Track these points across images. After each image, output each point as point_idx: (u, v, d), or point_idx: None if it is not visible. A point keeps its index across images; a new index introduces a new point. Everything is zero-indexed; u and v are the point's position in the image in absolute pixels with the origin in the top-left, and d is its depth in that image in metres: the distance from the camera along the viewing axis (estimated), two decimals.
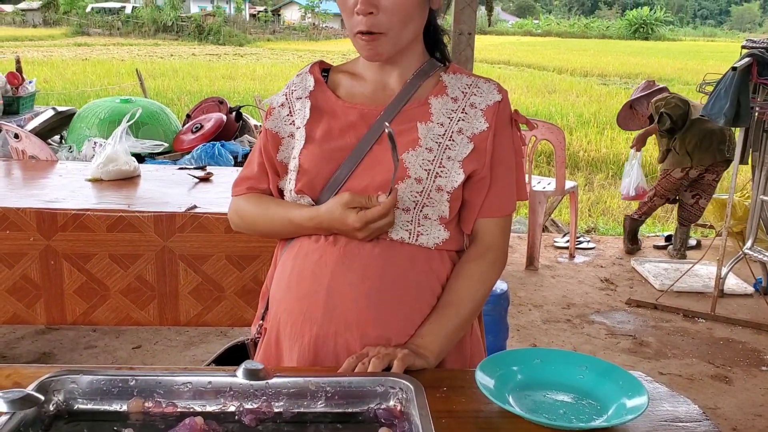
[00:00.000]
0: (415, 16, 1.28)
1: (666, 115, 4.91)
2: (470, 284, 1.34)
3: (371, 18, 1.24)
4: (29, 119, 4.58)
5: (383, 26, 1.25)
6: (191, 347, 3.46)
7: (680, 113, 4.90)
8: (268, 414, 1.05)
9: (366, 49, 1.28)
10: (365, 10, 1.23)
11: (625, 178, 5.36)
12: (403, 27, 1.27)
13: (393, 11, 1.24)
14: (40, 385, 1.03)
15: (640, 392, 1.11)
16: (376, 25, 1.25)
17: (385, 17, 1.24)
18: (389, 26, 1.25)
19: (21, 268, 2.44)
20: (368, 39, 1.26)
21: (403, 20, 1.26)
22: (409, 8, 1.26)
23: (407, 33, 1.29)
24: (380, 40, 1.26)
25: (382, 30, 1.25)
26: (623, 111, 5.46)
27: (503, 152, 1.35)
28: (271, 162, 1.42)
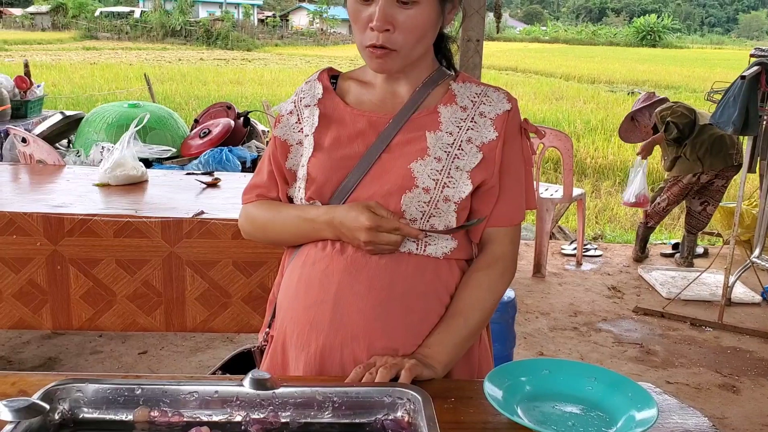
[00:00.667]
0: (428, 34, 1.28)
1: (672, 124, 4.88)
2: (479, 294, 1.33)
3: (386, 35, 1.23)
4: (37, 123, 4.59)
5: (397, 44, 1.24)
6: (198, 353, 3.46)
7: (686, 122, 4.88)
8: (274, 424, 1.04)
9: (376, 63, 1.28)
10: (382, 27, 1.22)
11: (629, 185, 5.34)
12: (415, 44, 1.26)
13: (409, 30, 1.24)
14: (46, 393, 1.03)
15: (649, 404, 1.10)
16: (390, 41, 1.24)
17: (400, 36, 1.24)
18: (403, 44, 1.25)
19: (27, 273, 2.44)
20: (380, 54, 1.25)
21: (417, 38, 1.26)
22: (425, 27, 1.25)
23: (419, 50, 1.29)
24: (392, 56, 1.26)
25: (395, 47, 1.25)
26: (625, 123, 5.43)
27: (512, 162, 1.34)
28: (280, 170, 1.41)
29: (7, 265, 2.42)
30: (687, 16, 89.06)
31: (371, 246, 1.25)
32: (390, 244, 1.25)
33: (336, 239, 1.30)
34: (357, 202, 1.27)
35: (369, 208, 1.24)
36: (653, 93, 5.48)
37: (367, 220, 1.23)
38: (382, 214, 1.24)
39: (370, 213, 1.23)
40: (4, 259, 2.42)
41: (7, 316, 2.47)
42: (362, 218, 1.23)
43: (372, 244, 1.25)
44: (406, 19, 1.23)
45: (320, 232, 1.31)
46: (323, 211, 1.30)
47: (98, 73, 18.46)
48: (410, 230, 1.25)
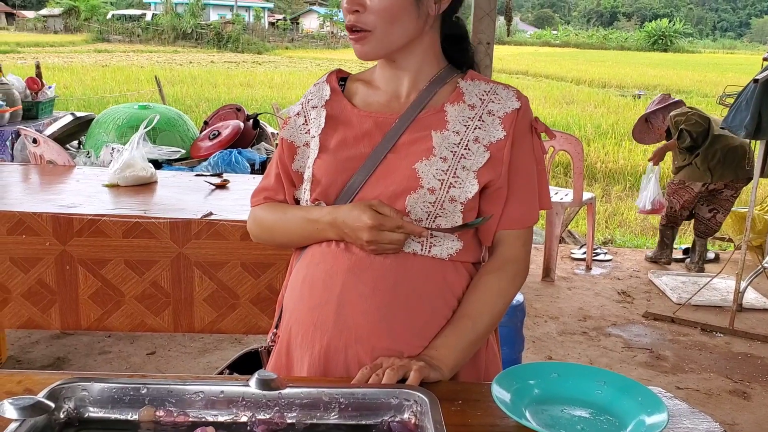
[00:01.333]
0: (402, 17, 1.26)
1: (686, 132, 4.85)
2: (488, 297, 1.31)
3: (357, 15, 1.26)
4: (48, 124, 4.61)
5: (369, 24, 1.25)
6: (205, 354, 3.46)
7: (701, 130, 4.85)
8: (280, 425, 1.04)
9: (355, 48, 1.29)
10: (351, 8, 1.25)
11: (642, 191, 5.31)
12: (388, 26, 1.26)
13: (379, 10, 1.24)
14: (51, 392, 1.02)
15: (659, 409, 1.08)
16: (362, 22, 1.25)
17: (371, 15, 1.25)
18: (375, 24, 1.25)
19: (37, 273, 2.44)
20: (355, 37, 1.27)
21: (388, 20, 1.25)
22: (395, 8, 1.25)
23: (396, 34, 1.27)
24: (367, 38, 1.27)
25: (368, 28, 1.26)
26: (639, 125, 5.42)
27: (522, 162, 1.32)
28: (287, 172, 1.41)
29: (17, 265, 2.43)
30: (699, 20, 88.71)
31: (374, 245, 1.24)
32: (393, 243, 1.24)
33: (340, 240, 1.30)
34: (360, 202, 1.27)
35: (372, 207, 1.23)
36: (668, 95, 5.45)
37: (369, 219, 1.22)
38: (385, 212, 1.23)
39: (372, 212, 1.23)
40: (13, 259, 2.42)
41: (16, 315, 2.47)
42: (364, 217, 1.22)
43: (375, 243, 1.24)
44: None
45: (324, 233, 1.31)
46: (326, 211, 1.30)
47: (109, 75, 18.56)
48: (414, 228, 1.24)
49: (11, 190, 2.82)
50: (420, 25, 1.29)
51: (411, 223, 1.24)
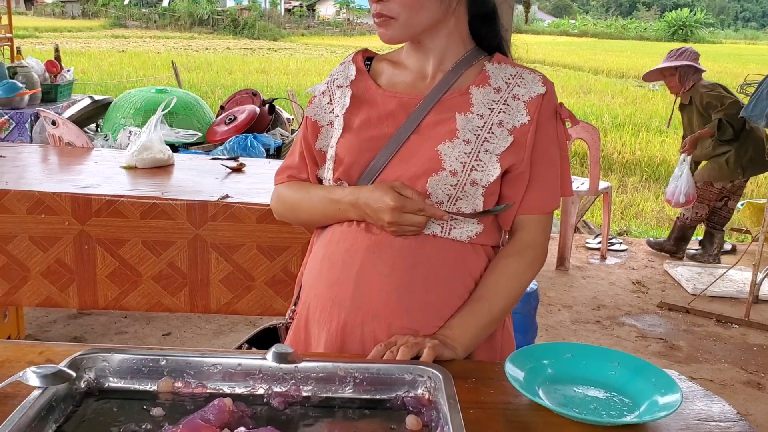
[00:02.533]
0: (425, 2, 1.27)
1: (727, 124, 4.64)
2: (505, 280, 1.32)
3: (383, 4, 1.26)
4: (66, 107, 4.64)
5: (393, 11, 1.26)
6: (220, 335, 3.49)
7: (742, 123, 4.64)
8: (296, 398, 1.05)
9: (380, 33, 1.30)
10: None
11: (673, 181, 5.03)
12: (413, 13, 1.26)
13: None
14: (72, 362, 1.04)
15: (673, 390, 1.09)
16: (387, 9, 1.26)
17: (395, 4, 1.26)
18: (399, 12, 1.26)
19: (55, 252, 2.47)
20: (380, 23, 1.28)
21: (411, 7, 1.26)
22: None
23: (420, 19, 1.28)
24: (391, 24, 1.27)
25: (392, 15, 1.26)
26: (653, 74, 5.06)
27: (546, 147, 1.32)
28: (310, 150, 1.42)
29: (36, 244, 2.46)
30: (720, 10, 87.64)
31: (395, 227, 1.25)
32: (414, 225, 1.25)
33: (361, 220, 1.30)
34: (382, 183, 1.28)
35: (394, 189, 1.24)
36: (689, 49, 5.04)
37: (391, 200, 1.23)
38: (407, 194, 1.24)
39: (394, 193, 1.23)
40: (32, 238, 2.45)
41: (35, 293, 2.51)
42: (387, 198, 1.23)
43: (396, 225, 1.25)
44: None
45: (345, 213, 1.32)
46: (348, 191, 1.31)
47: (126, 60, 18.63)
48: (435, 211, 1.24)
49: (31, 171, 2.85)
50: (444, 7, 1.29)
51: (433, 206, 1.24)
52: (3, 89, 4.45)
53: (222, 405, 0.97)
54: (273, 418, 1.01)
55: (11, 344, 1.20)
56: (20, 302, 2.58)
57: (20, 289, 2.50)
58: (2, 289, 2.49)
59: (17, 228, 2.44)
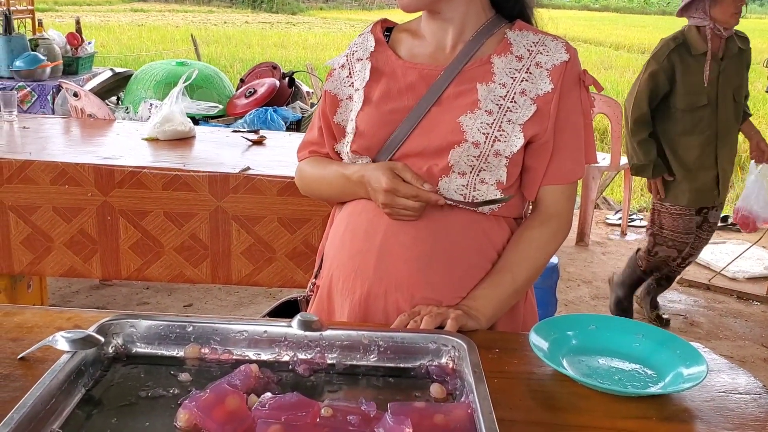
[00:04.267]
0: None
1: None
2: (529, 251, 1.31)
3: None
4: (87, 80, 4.66)
5: None
6: (240, 307, 3.52)
7: None
8: (321, 365, 1.06)
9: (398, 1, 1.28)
10: None
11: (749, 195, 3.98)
12: None
13: None
14: (100, 327, 1.06)
15: (698, 361, 1.09)
16: None
17: None
18: None
19: (79, 223, 2.50)
20: None
21: None
22: None
23: None
24: None
25: None
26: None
27: (570, 116, 1.30)
28: (329, 124, 1.41)
29: (59, 215, 2.48)
30: None
31: (388, 209, 1.25)
32: (407, 209, 1.24)
33: (367, 198, 1.30)
34: (385, 163, 1.27)
35: (393, 170, 1.23)
36: None
37: (385, 182, 1.22)
38: (406, 177, 1.23)
39: (391, 175, 1.23)
40: (56, 209, 2.48)
41: (58, 264, 2.54)
42: (382, 180, 1.23)
43: (389, 207, 1.24)
44: None
45: (355, 188, 1.32)
46: (357, 169, 1.30)
47: (145, 34, 18.60)
48: (429, 196, 1.23)
49: (53, 142, 2.87)
50: None
51: (429, 193, 1.23)
52: (25, 61, 4.47)
53: (248, 371, 0.98)
54: (298, 384, 1.02)
55: (40, 310, 1.22)
56: (44, 272, 2.61)
57: (44, 260, 2.53)
58: (26, 259, 2.52)
59: (41, 198, 2.47)
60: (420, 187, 1.23)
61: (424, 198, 1.23)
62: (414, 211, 1.25)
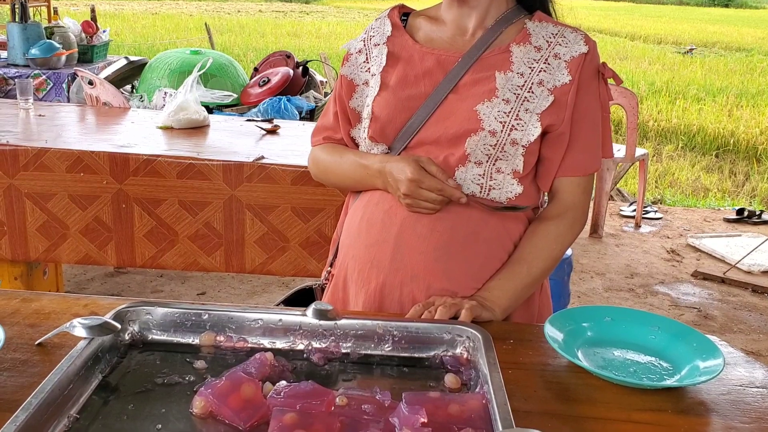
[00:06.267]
0: None
1: None
2: (545, 243, 1.31)
3: None
4: (102, 68, 4.67)
5: None
6: (254, 296, 3.53)
7: None
8: (335, 354, 1.06)
9: None
10: None
11: None
12: None
13: None
14: (117, 314, 1.06)
15: (715, 355, 1.08)
16: None
17: None
18: None
19: (94, 210, 2.51)
20: None
21: None
22: None
23: None
24: None
25: None
26: None
27: (588, 107, 1.29)
28: (344, 109, 1.41)
29: (75, 202, 2.50)
30: None
31: (409, 200, 1.24)
32: (429, 202, 1.24)
33: (384, 189, 1.30)
34: (410, 155, 1.26)
35: (419, 162, 1.23)
36: None
37: (411, 172, 1.22)
38: (432, 171, 1.23)
39: (416, 166, 1.22)
40: (72, 196, 2.49)
41: (74, 251, 2.56)
42: (408, 170, 1.22)
43: (410, 197, 1.24)
44: None
45: (372, 179, 1.31)
46: (377, 159, 1.30)
47: (159, 23, 18.65)
48: (453, 192, 1.23)
49: (69, 130, 2.88)
50: None
51: (453, 189, 1.23)
52: (41, 49, 4.49)
53: (263, 359, 0.98)
54: (313, 373, 1.02)
55: (57, 297, 1.22)
56: (60, 259, 2.63)
57: (60, 247, 2.55)
58: (42, 246, 2.54)
59: (57, 186, 2.48)
60: (445, 182, 1.22)
61: (448, 193, 1.23)
62: (435, 204, 1.24)
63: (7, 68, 4.53)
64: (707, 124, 9.11)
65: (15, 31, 4.59)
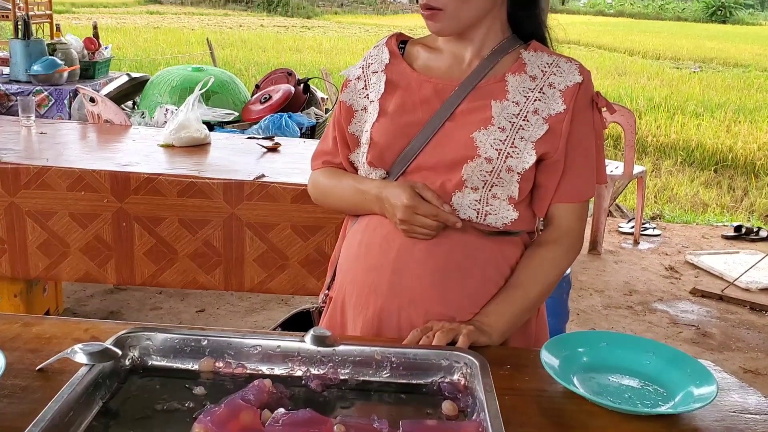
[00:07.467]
0: None
1: None
2: (541, 268, 1.33)
3: None
4: (104, 84, 4.70)
5: (441, 2, 1.25)
6: (253, 313, 3.54)
7: None
8: (333, 380, 1.07)
9: (428, 24, 1.29)
10: None
11: None
12: (461, 3, 1.26)
13: None
14: (117, 340, 1.07)
15: (708, 381, 1.09)
16: (435, 0, 1.25)
17: None
18: (447, 2, 1.25)
19: (94, 229, 2.53)
20: (428, 14, 1.27)
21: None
22: None
23: (468, 10, 1.27)
24: (439, 15, 1.27)
25: (439, 6, 1.26)
26: None
27: (582, 136, 1.32)
28: (343, 134, 1.43)
29: (76, 220, 2.51)
30: None
31: (405, 225, 1.26)
32: (425, 228, 1.25)
33: (381, 214, 1.32)
34: (407, 181, 1.28)
35: (414, 188, 1.25)
36: None
37: (406, 198, 1.24)
38: (427, 196, 1.25)
39: (411, 192, 1.24)
40: (72, 214, 2.51)
41: (74, 269, 2.57)
42: (403, 196, 1.24)
43: (406, 223, 1.26)
44: None
45: (370, 204, 1.34)
46: (375, 185, 1.32)
47: (161, 37, 18.72)
48: (448, 217, 1.25)
49: (70, 148, 2.90)
50: None
51: (448, 214, 1.25)
52: (43, 66, 4.52)
53: (262, 386, 0.99)
54: (311, 399, 1.03)
55: (58, 321, 1.24)
56: (60, 277, 2.64)
57: (60, 264, 2.56)
58: (43, 263, 2.55)
59: (58, 204, 2.50)
60: (440, 207, 1.24)
61: (443, 218, 1.24)
62: (431, 230, 1.26)
63: (9, 84, 4.55)
64: (706, 139, 9.14)
65: (18, 47, 4.62)
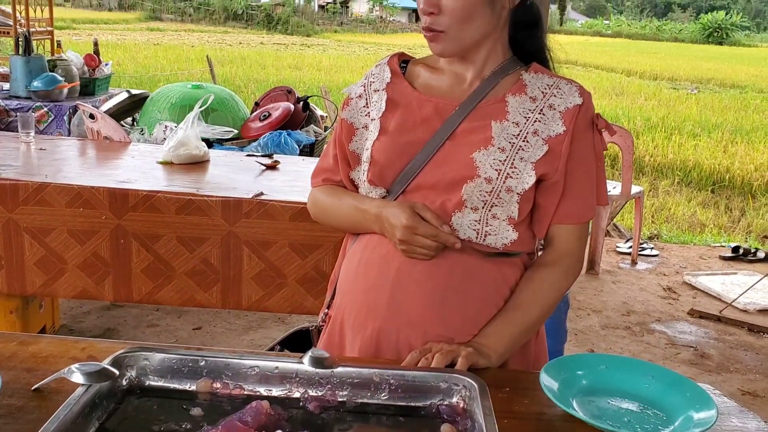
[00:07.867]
0: (475, 16, 1.26)
1: None
2: (541, 290, 1.33)
3: (432, 17, 1.27)
4: (104, 101, 4.71)
5: (443, 25, 1.26)
6: (250, 331, 3.52)
7: None
8: (331, 402, 1.07)
9: (431, 46, 1.31)
10: (426, 10, 1.27)
11: None
12: (462, 26, 1.26)
13: (452, 12, 1.25)
14: (115, 360, 1.07)
15: (708, 405, 1.08)
16: (437, 23, 1.27)
17: (445, 17, 1.26)
18: (449, 25, 1.26)
19: (92, 246, 2.52)
20: (431, 37, 1.29)
21: (462, 20, 1.26)
22: (469, 9, 1.25)
23: (470, 32, 1.28)
24: (441, 37, 1.28)
25: (441, 28, 1.27)
26: None
27: (582, 157, 1.32)
28: (344, 152, 1.43)
29: (74, 237, 2.51)
30: (757, 13, 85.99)
31: (405, 246, 1.26)
32: (424, 248, 1.26)
33: (381, 233, 1.32)
34: (406, 201, 1.29)
35: (414, 209, 1.26)
36: None
37: (406, 219, 1.24)
38: (427, 217, 1.25)
39: (411, 212, 1.25)
40: (70, 231, 2.50)
41: (71, 286, 2.56)
42: (403, 216, 1.25)
43: (405, 244, 1.26)
44: (449, 1, 1.25)
45: (369, 223, 1.34)
46: (375, 204, 1.32)
47: (161, 53, 18.80)
48: (447, 238, 1.25)
49: (70, 164, 2.90)
50: (494, 21, 1.29)
51: (447, 235, 1.25)
52: (43, 82, 4.53)
53: (259, 407, 0.99)
54: (308, 421, 1.03)
55: (54, 339, 1.23)
56: (57, 294, 2.63)
57: (57, 281, 2.55)
58: (40, 280, 2.54)
59: (56, 221, 2.49)
60: (439, 228, 1.24)
61: (442, 239, 1.25)
62: (430, 251, 1.26)
63: (8, 100, 4.56)
64: (703, 159, 9.17)
65: (18, 63, 4.63)
